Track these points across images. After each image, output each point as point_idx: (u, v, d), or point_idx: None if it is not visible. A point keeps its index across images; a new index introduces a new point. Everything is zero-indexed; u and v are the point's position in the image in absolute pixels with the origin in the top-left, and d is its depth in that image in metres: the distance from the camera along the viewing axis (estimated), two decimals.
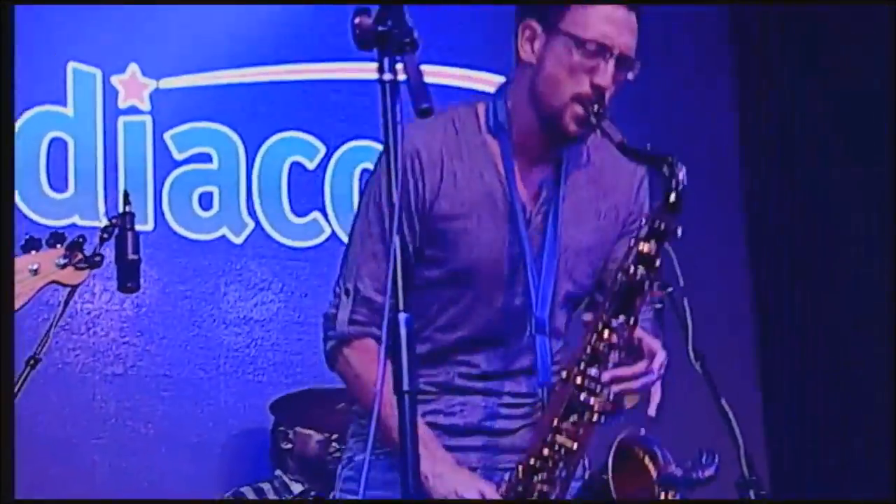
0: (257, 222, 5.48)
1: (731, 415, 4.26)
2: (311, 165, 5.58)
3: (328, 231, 5.56)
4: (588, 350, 2.96)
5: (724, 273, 6.18)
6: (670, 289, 4.23)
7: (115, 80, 5.32)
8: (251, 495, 4.98)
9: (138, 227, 3.99)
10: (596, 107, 2.95)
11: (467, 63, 5.76)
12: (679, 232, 2.91)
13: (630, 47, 3.01)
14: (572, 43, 2.98)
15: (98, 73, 5.30)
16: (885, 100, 6.21)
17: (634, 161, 3.03)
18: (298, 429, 5.07)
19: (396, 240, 2.42)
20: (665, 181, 2.89)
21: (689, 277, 4.18)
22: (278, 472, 5.07)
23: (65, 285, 3.86)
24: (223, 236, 5.43)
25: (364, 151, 5.58)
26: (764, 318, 6.38)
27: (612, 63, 2.98)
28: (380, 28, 2.44)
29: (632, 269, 2.93)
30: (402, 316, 2.39)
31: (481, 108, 3.11)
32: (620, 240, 3.12)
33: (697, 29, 6.41)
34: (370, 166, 5.50)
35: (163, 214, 5.33)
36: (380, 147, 2.43)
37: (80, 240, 3.87)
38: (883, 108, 6.23)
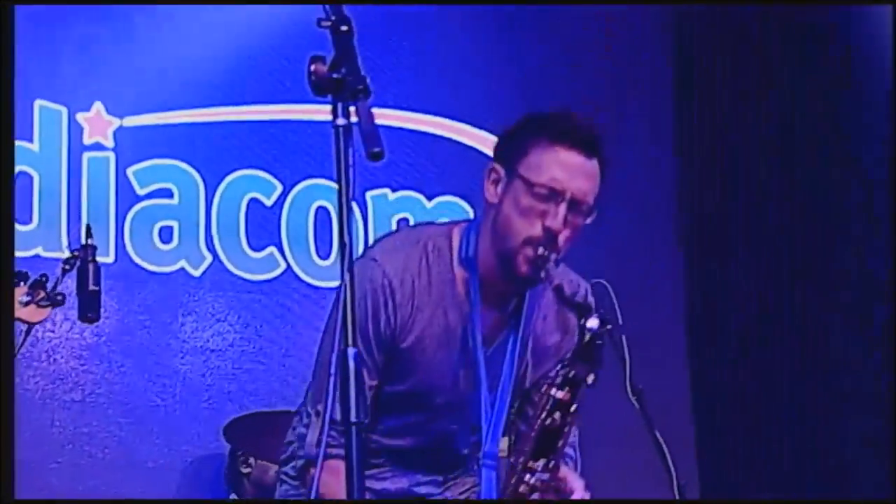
0: (215, 256, 5.52)
1: (664, 447, 4.41)
2: (268, 202, 5.63)
3: (283, 265, 5.62)
4: (510, 491, 3.06)
5: (660, 307, 6.21)
6: (609, 326, 4.37)
7: (80, 117, 5.36)
8: None
9: (100, 259, 4.08)
10: (541, 249, 3.00)
11: (408, 106, 5.78)
12: (591, 380, 2.99)
13: (584, 192, 3.03)
14: (525, 186, 3.03)
15: (64, 110, 5.34)
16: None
17: (563, 306, 3.10)
18: (259, 460, 5.02)
19: (347, 277, 2.44)
20: (579, 331, 2.97)
21: (626, 314, 4.32)
22: (233, 497, 5.08)
23: (27, 322, 3.95)
24: (182, 269, 5.46)
25: (319, 189, 5.65)
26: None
27: (563, 207, 3.01)
28: (334, 75, 2.48)
29: (546, 416, 3.02)
30: (350, 350, 2.42)
31: (455, 238, 3.16)
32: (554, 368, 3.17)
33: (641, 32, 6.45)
34: (325, 204, 5.67)
35: (124, 247, 5.35)
36: (335, 185, 2.47)
37: (43, 279, 3.92)
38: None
